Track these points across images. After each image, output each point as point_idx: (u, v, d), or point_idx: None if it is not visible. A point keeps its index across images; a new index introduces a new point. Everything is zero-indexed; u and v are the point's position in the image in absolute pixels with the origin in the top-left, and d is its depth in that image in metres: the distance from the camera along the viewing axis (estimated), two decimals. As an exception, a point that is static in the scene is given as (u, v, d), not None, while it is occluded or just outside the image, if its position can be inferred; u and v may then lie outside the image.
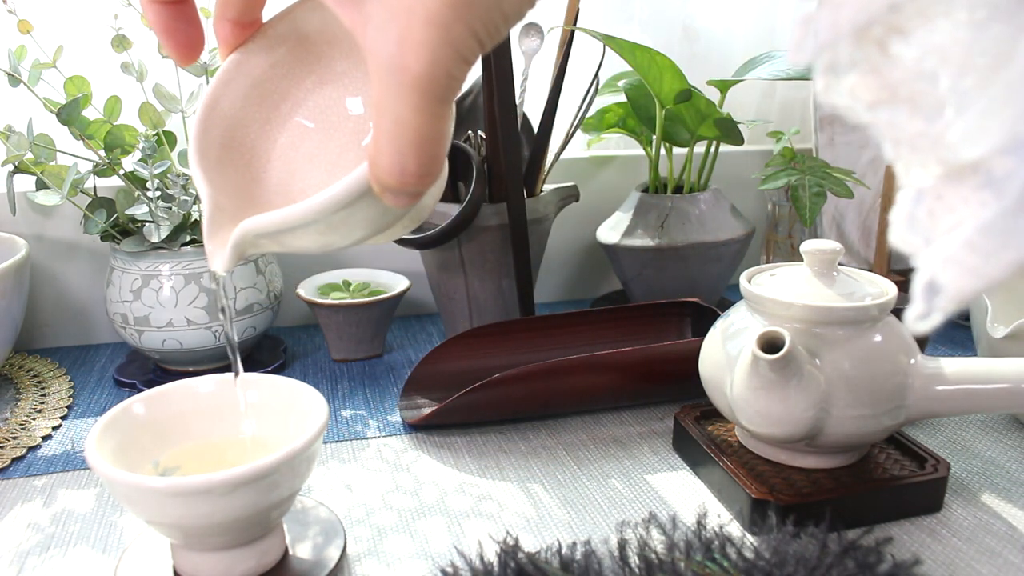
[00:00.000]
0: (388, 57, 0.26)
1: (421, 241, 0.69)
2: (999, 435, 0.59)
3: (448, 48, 0.26)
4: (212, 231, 0.36)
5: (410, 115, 0.27)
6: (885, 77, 0.18)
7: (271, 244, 0.37)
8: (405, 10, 0.25)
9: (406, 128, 0.27)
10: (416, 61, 0.26)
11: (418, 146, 0.27)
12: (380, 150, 0.28)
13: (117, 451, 0.42)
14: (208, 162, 0.39)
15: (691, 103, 0.73)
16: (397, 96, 0.27)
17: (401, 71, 0.26)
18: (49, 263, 0.79)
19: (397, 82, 0.26)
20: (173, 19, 0.34)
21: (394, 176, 0.28)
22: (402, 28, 0.25)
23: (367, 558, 0.47)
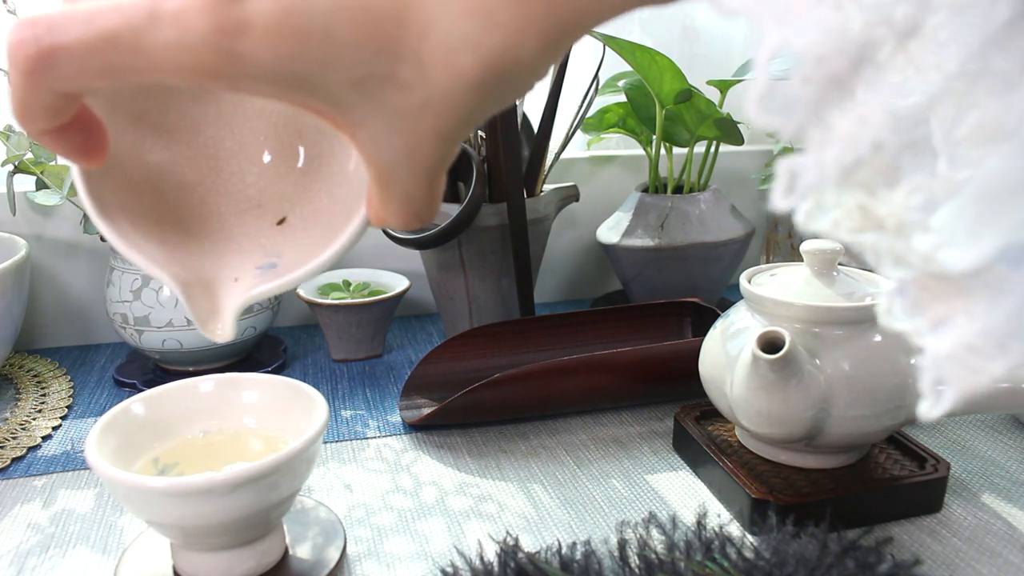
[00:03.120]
0: (395, 164, 0.27)
1: (421, 241, 0.69)
2: (999, 435, 0.59)
3: (455, 146, 0.27)
4: (198, 309, 0.32)
5: (420, 190, 0.28)
6: (871, 213, 0.18)
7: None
8: (410, 129, 0.25)
9: (416, 197, 0.28)
10: (427, 164, 0.27)
11: (429, 203, 0.29)
12: (391, 211, 0.29)
13: (117, 451, 0.42)
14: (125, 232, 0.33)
15: (691, 103, 0.73)
16: (406, 179, 0.27)
17: (410, 171, 0.27)
18: (49, 263, 0.79)
19: (405, 175, 0.27)
20: (62, 137, 0.28)
21: (402, 223, 0.30)
22: (409, 143, 0.26)
23: (367, 558, 0.47)
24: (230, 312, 0.32)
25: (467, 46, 0.23)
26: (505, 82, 0.24)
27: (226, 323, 0.32)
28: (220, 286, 0.34)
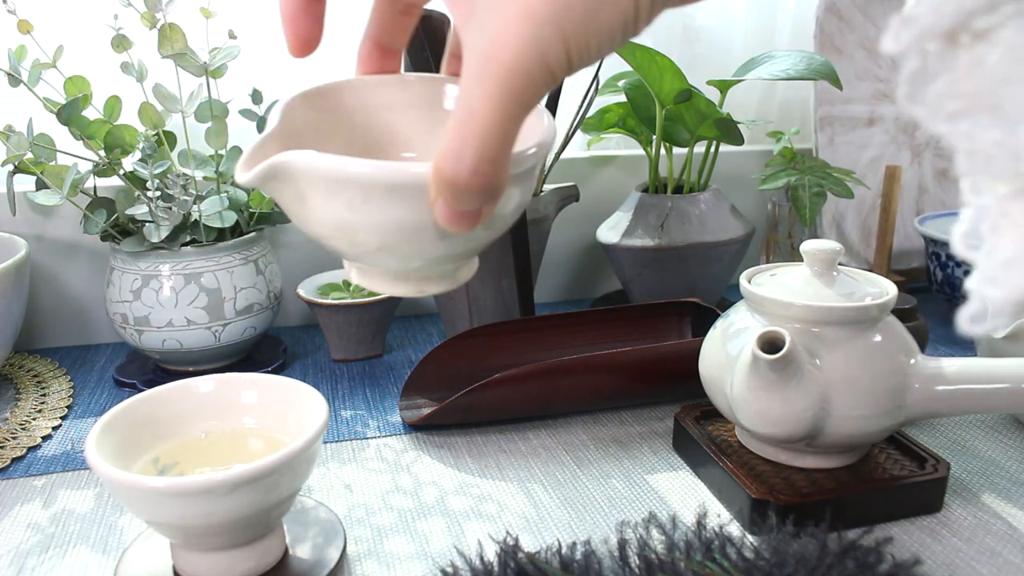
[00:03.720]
0: (478, 46, 0.27)
1: (421, 241, 0.68)
2: (999, 435, 0.59)
3: (535, 47, 0.26)
4: (254, 149, 0.36)
5: (481, 104, 0.27)
6: (970, 84, 0.18)
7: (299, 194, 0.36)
8: (506, 3, 0.26)
9: (474, 117, 0.27)
10: (502, 51, 0.26)
11: (480, 138, 0.28)
12: (445, 136, 0.28)
13: (117, 451, 0.42)
14: (301, 118, 0.41)
15: (691, 103, 0.73)
16: (475, 84, 0.27)
17: (486, 59, 0.27)
18: (49, 263, 0.79)
19: (479, 70, 0.27)
20: (301, 11, 0.36)
21: (448, 161, 0.28)
22: (498, 20, 0.26)
23: (367, 558, 0.47)
24: (268, 160, 0.35)
25: None
26: None
27: (255, 168, 0.35)
28: None
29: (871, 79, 0.91)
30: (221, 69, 0.69)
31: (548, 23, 0.26)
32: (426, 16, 0.69)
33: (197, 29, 0.68)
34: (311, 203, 0.36)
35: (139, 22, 0.65)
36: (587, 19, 0.27)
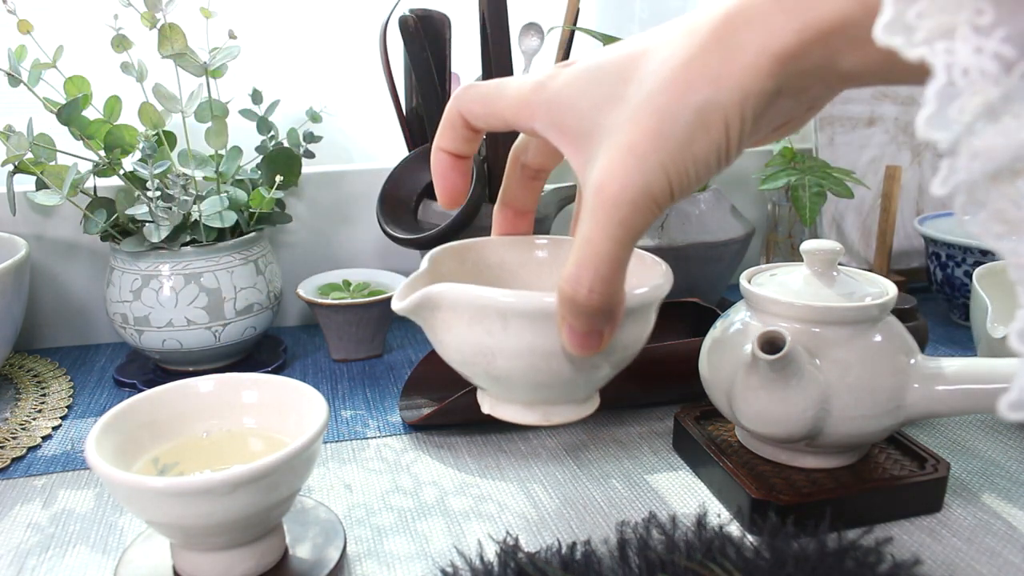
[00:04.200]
0: (591, 182, 0.32)
1: (421, 241, 0.69)
2: (999, 435, 0.59)
3: (639, 178, 0.30)
4: (407, 284, 0.43)
5: (593, 232, 0.31)
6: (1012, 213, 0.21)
7: (444, 322, 0.41)
8: (614, 143, 0.31)
9: (588, 244, 0.32)
10: (609, 184, 0.31)
11: (594, 261, 0.32)
12: (567, 263, 0.33)
13: (117, 451, 0.42)
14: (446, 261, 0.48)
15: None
16: (588, 215, 0.32)
17: (596, 193, 0.31)
18: (49, 263, 0.79)
19: (592, 203, 0.31)
20: (451, 168, 0.42)
21: (569, 283, 0.33)
22: (606, 158, 0.31)
23: (367, 558, 0.47)
24: (420, 292, 0.41)
25: (674, 55, 0.31)
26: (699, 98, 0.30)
27: (408, 299, 0.41)
28: None
29: (871, 79, 0.91)
30: (221, 69, 0.69)
31: (649, 156, 0.30)
32: (426, 16, 0.69)
33: (197, 29, 0.68)
34: (456, 330, 0.41)
35: (139, 22, 0.65)
36: (684, 150, 0.30)
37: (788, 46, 0.28)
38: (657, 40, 0.33)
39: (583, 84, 0.34)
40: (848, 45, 0.27)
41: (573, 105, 0.34)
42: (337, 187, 0.84)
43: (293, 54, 0.84)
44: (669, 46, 0.32)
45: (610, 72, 0.33)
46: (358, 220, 0.85)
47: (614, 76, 0.33)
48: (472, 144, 0.41)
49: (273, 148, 0.74)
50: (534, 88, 0.36)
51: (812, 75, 0.29)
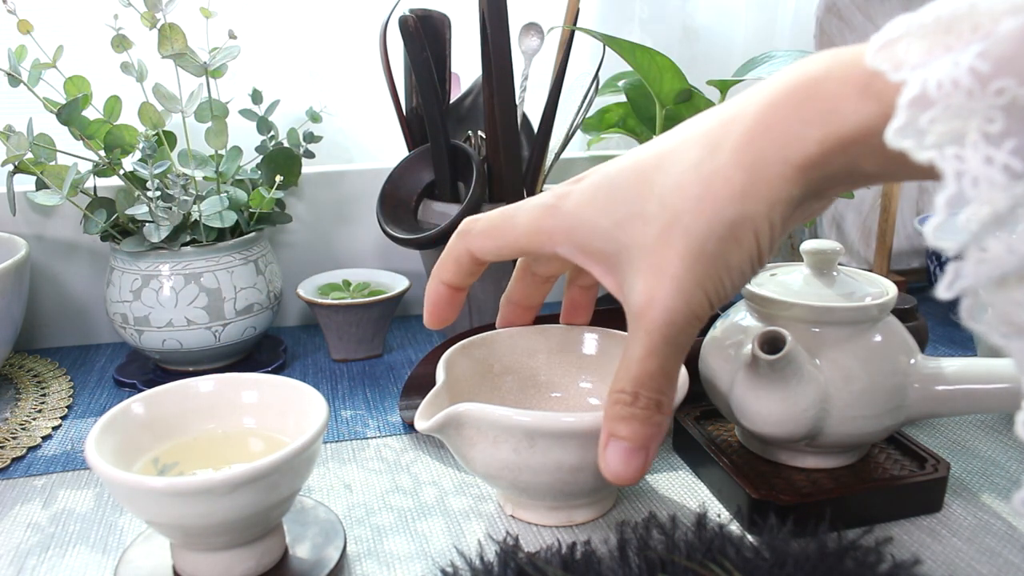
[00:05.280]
0: (632, 307, 0.33)
1: (421, 241, 0.68)
2: (999, 435, 0.59)
3: (679, 299, 0.31)
4: (428, 402, 0.45)
5: (639, 351, 0.33)
6: (1015, 316, 0.22)
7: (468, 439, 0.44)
8: (648, 266, 0.32)
9: (633, 362, 0.33)
10: (651, 309, 0.32)
11: (640, 378, 0.33)
12: (613, 380, 0.34)
13: (117, 451, 0.42)
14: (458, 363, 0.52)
15: (691, 103, 0.73)
16: (633, 336, 0.33)
17: (640, 318, 0.32)
18: (49, 263, 0.79)
19: (636, 326, 0.32)
20: (448, 301, 0.43)
21: (614, 394, 0.34)
22: (644, 283, 0.32)
23: (367, 558, 0.47)
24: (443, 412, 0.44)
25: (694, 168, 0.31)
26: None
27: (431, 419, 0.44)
28: None
29: (871, 79, 0.91)
30: (221, 69, 0.69)
31: (686, 278, 0.31)
32: (426, 16, 0.69)
33: (197, 29, 0.68)
34: (480, 446, 0.44)
35: (139, 22, 0.65)
36: (718, 266, 0.31)
37: (811, 156, 0.28)
38: (668, 147, 0.33)
39: (601, 203, 0.34)
40: (869, 151, 0.27)
41: (594, 226, 0.34)
42: (337, 187, 0.84)
43: (293, 54, 0.84)
44: (684, 157, 0.32)
45: (624, 187, 0.34)
46: (358, 220, 0.85)
47: (630, 192, 0.33)
48: (474, 276, 0.42)
49: (273, 148, 0.74)
50: (547, 212, 0.36)
51: (835, 179, 0.29)
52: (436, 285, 0.42)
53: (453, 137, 0.72)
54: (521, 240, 0.37)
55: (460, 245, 0.39)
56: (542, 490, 0.46)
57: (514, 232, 0.37)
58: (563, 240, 0.36)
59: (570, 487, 0.45)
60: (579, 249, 0.35)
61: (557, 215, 0.36)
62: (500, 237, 0.38)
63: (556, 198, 0.36)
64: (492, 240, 0.38)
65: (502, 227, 0.38)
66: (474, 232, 0.39)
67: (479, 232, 0.39)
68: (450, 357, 0.51)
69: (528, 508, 0.49)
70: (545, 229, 0.36)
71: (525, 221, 0.37)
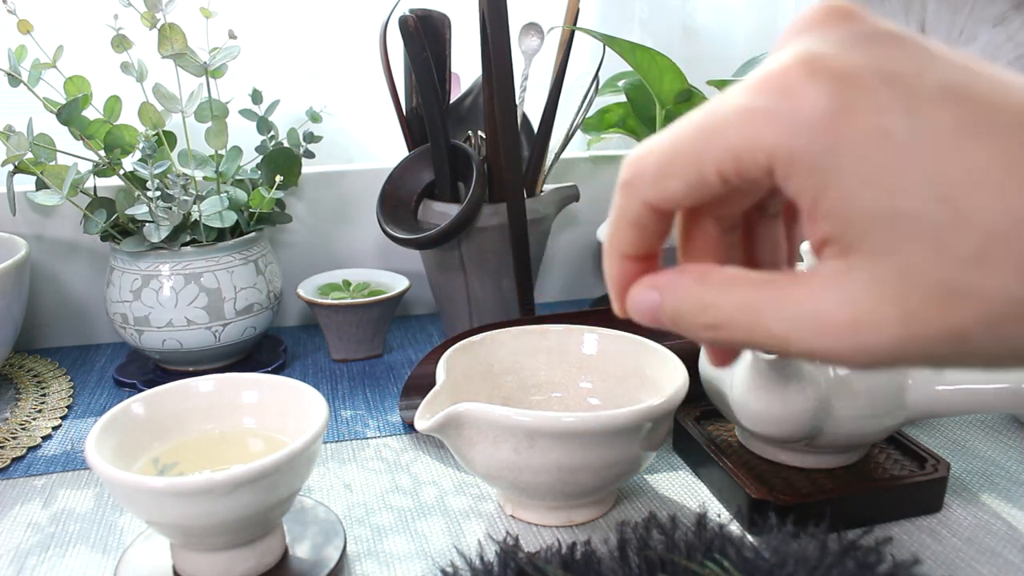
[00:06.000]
0: (832, 318, 0.22)
1: (421, 241, 0.69)
2: (999, 435, 0.59)
3: (908, 344, 0.21)
4: (428, 401, 0.45)
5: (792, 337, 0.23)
6: None
7: (469, 439, 0.44)
8: (906, 275, 0.21)
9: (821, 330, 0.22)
10: (859, 327, 0.21)
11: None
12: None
13: (117, 451, 0.42)
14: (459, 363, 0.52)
15: (691, 103, 0.73)
16: (791, 316, 0.22)
17: (825, 318, 0.22)
18: (49, 263, 0.79)
19: (810, 321, 0.22)
20: (637, 277, 0.28)
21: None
22: (879, 289, 0.21)
23: (367, 558, 0.47)
24: (444, 412, 0.44)
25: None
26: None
27: (432, 418, 0.44)
28: None
29: (871, 79, 0.91)
30: (221, 69, 0.69)
31: (941, 326, 0.20)
32: (426, 16, 0.69)
33: (197, 29, 0.68)
34: (481, 446, 0.44)
35: (139, 22, 0.65)
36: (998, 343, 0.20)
37: None
38: None
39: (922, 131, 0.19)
40: None
41: (884, 168, 0.20)
42: (337, 187, 0.84)
43: (293, 54, 0.84)
44: None
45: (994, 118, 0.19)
46: (358, 220, 0.85)
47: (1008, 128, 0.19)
48: (664, 237, 0.27)
49: (273, 148, 0.74)
50: (791, 124, 0.20)
51: None
52: (618, 263, 0.28)
53: (453, 137, 0.72)
54: (736, 142, 0.21)
55: (632, 202, 0.25)
56: (542, 490, 0.45)
57: (721, 153, 0.22)
58: (808, 171, 0.20)
59: (570, 487, 0.45)
60: (825, 184, 0.20)
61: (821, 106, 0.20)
62: (694, 166, 0.23)
63: (814, 64, 0.20)
64: (682, 175, 0.23)
65: (693, 150, 0.23)
66: (648, 175, 0.24)
67: (656, 171, 0.24)
68: (450, 357, 0.51)
69: (528, 508, 0.49)
70: (781, 121, 0.21)
71: (742, 110, 0.21)
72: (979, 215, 0.19)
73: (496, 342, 0.55)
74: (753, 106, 0.21)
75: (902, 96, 0.20)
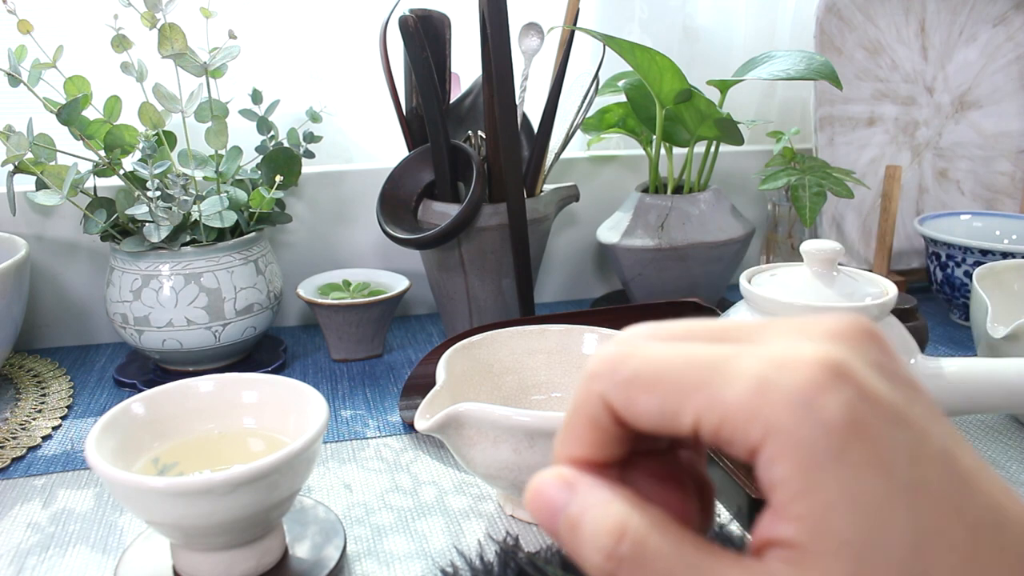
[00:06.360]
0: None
1: (421, 241, 0.69)
2: (999, 435, 0.59)
3: None
4: (428, 401, 0.45)
5: None
6: None
7: (469, 439, 0.44)
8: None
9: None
10: None
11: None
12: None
13: (117, 451, 0.42)
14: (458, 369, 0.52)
15: (691, 103, 0.73)
16: None
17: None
18: (49, 263, 0.79)
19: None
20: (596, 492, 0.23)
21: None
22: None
23: (366, 558, 0.47)
24: (443, 412, 0.44)
25: None
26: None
27: (431, 419, 0.44)
28: None
29: (871, 79, 0.91)
30: (221, 69, 0.69)
31: None
32: (426, 16, 0.69)
33: (197, 29, 0.68)
34: (481, 446, 0.44)
35: (139, 22, 0.65)
36: None
37: None
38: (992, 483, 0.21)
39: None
40: None
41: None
42: (337, 187, 0.84)
43: (293, 54, 0.84)
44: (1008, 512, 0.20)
45: (934, 483, 0.20)
46: (358, 220, 0.85)
47: (941, 489, 0.20)
48: (620, 451, 0.23)
49: (273, 148, 0.74)
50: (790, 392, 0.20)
51: None
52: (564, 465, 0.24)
53: (453, 137, 0.72)
54: (736, 413, 0.20)
55: (595, 397, 0.22)
56: None
57: (711, 404, 0.20)
58: (800, 464, 0.19)
59: None
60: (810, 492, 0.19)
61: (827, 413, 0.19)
62: (674, 400, 0.21)
63: (834, 370, 0.20)
64: (658, 401, 0.21)
65: (682, 384, 0.21)
66: (622, 377, 0.22)
67: (633, 379, 0.22)
68: (450, 357, 0.51)
69: None
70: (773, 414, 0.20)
71: (750, 384, 0.20)
72: None
73: (496, 342, 0.55)
74: (769, 379, 0.20)
75: (911, 442, 0.20)
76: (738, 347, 0.21)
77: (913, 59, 0.93)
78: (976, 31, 0.95)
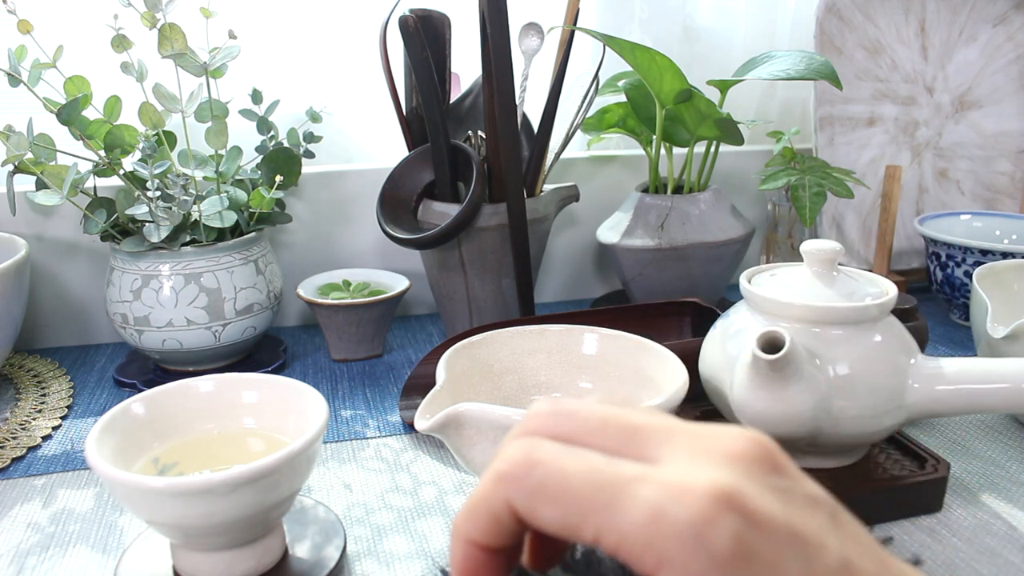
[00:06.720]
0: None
1: (421, 241, 0.69)
2: (999, 435, 0.59)
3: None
4: (428, 401, 0.45)
5: None
6: None
7: (469, 439, 0.44)
8: None
9: None
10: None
11: None
12: None
13: (117, 451, 0.42)
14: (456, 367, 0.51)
15: (691, 103, 0.73)
16: None
17: None
18: (49, 263, 0.79)
19: None
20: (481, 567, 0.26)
21: None
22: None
23: (366, 558, 0.47)
24: (444, 412, 0.44)
25: None
26: None
27: (432, 419, 0.44)
28: None
29: (871, 79, 0.91)
30: (221, 69, 0.69)
31: None
32: (426, 16, 0.69)
33: (197, 29, 0.68)
34: (480, 446, 0.44)
35: (139, 22, 0.65)
36: None
37: None
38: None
39: None
40: None
41: None
42: (337, 187, 0.84)
43: (293, 54, 0.84)
44: None
45: None
46: (358, 220, 0.85)
47: None
48: (516, 539, 0.25)
49: (273, 148, 0.74)
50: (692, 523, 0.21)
51: None
52: (463, 547, 0.25)
53: (453, 137, 0.72)
54: (635, 538, 0.21)
55: (499, 498, 0.24)
56: None
57: (611, 527, 0.21)
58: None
59: None
60: None
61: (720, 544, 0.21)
62: (576, 516, 0.22)
63: (725, 504, 0.21)
64: (561, 514, 0.22)
65: (584, 504, 0.22)
66: (529, 485, 0.23)
67: (539, 488, 0.23)
68: (450, 357, 0.51)
69: None
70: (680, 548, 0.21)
71: (648, 510, 0.21)
72: None
73: (496, 342, 0.55)
74: (663, 509, 0.21)
75: (804, 561, 0.21)
76: (640, 468, 0.22)
77: (913, 59, 0.93)
78: (976, 31, 0.95)
